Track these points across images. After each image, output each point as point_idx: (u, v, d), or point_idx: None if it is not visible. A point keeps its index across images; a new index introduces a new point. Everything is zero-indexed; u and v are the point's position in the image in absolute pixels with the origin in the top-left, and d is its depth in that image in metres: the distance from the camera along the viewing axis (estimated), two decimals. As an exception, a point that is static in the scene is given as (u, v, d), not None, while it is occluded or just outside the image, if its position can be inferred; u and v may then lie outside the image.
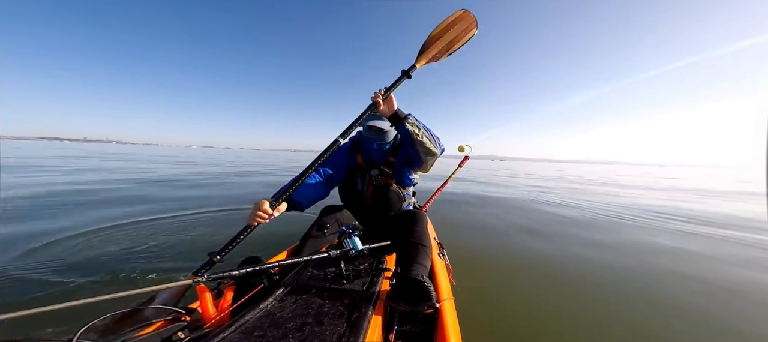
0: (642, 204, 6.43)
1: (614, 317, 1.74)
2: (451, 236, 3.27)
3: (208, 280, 0.93)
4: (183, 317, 0.96)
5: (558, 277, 2.26)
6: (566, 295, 1.97)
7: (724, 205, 6.59)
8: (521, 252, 2.90)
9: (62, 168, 9.89)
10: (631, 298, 1.97)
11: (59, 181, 6.65)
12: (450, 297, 1.08)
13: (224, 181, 8.34)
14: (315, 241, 1.43)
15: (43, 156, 15.69)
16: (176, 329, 0.91)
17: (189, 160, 19.34)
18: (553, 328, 1.62)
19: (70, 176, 7.76)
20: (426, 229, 1.35)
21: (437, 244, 1.70)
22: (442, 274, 1.31)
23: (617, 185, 11.66)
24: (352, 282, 1.08)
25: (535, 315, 1.74)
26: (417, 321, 1.02)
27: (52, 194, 5.03)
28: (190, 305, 1.03)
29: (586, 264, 2.59)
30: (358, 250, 1.14)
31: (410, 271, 1.09)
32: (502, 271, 2.40)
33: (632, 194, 8.46)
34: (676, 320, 1.70)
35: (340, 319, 0.85)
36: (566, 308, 1.81)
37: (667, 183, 13.84)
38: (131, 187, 6.31)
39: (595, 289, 2.09)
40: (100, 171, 9.57)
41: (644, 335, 1.58)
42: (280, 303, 0.95)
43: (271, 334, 0.79)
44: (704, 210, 5.81)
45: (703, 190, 10.52)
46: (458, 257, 2.28)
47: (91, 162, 13.79)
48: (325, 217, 1.58)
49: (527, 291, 2.04)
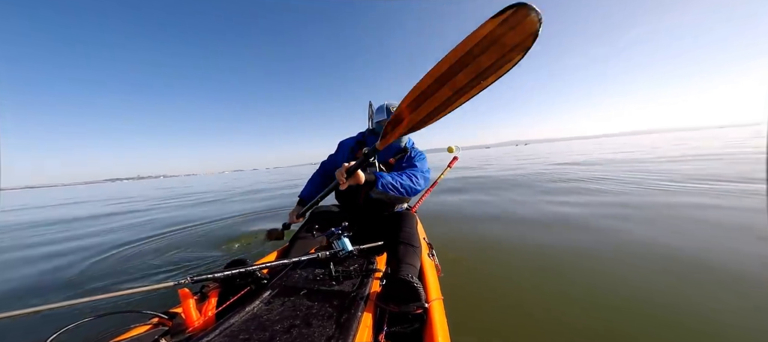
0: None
1: (615, 316, 1.77)
2: (442, 234, 3.30)
3: (191, 283, 0.90)
4: (164, 322, 0.93)
5: (550, 271, 2.29)
6: (558, 291, 2.00)
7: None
8: (512, 250, 2.95)
9: (173, 202, 9.35)
10: (628, 296, 2.00)
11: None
12: (439, 297, 1.09)
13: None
14: (304, 242, 1.41)
15: (134, 196, 15.15)
16: (157, 334, 0.88)
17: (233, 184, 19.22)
18: (543, 324, 1.64)
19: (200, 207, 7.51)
20: (415, 230, 1.36)
21: (427, 244, 1.71)
22: (431, 274, 1.31)
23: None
24: (342, 283, 1.07)
25: (526, 312, 1.76)
26: (406, 321, 1.02)
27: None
28: (172, 309, 1.00)
29: (585, 259, 2.62)
30: (348, 251, 1.14)
31: (399, 272, 1.09)
32: (493, 270, 2.42)
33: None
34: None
35: (329, 320, 0.84)
36: (557, 304, 1.84)
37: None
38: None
39: (595, 287, 2.12)
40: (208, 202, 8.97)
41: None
42: (267, 306, 0.93)
43: (257, 337, 0.77)
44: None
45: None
46: (448, 258, 2.30)
47: (176, 191, 14.42)
48: (314, 218, 1.57)
49: (518, 289, 2.07)
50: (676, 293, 1.79)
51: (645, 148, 18.05)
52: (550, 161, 13.08)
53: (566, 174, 7.71)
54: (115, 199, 13.11)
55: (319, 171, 1.85)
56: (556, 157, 16.54)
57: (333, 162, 1.77)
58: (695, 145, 15.83)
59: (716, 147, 13.09)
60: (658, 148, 16.78)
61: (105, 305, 1.49)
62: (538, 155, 20.77)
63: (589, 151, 20.23)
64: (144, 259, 3.03)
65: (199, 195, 11.68)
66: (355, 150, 1.69)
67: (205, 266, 2.54)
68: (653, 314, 1.60)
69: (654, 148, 17.18)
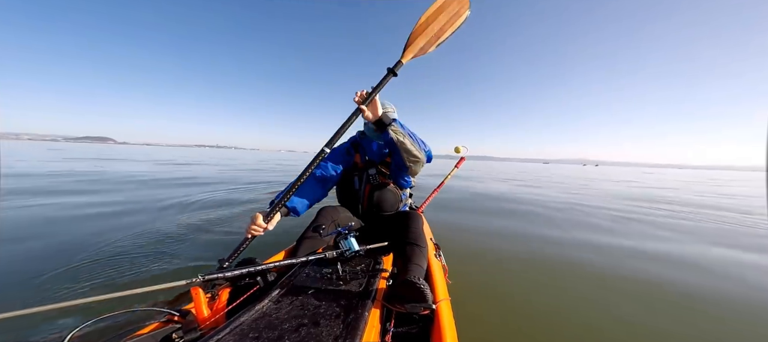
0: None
1: (614, 315, 1.75)
2: (448, 235, 3.28)
3: (203, 281, 0.92)
4: (177, 319, 0.95)
5: (557, 274, 2.27)
6: (566, 294, 1.98)
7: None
8: (520, 249, 2.92)
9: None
10: (632, 299, 1.98)
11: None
12: (446, 298, 1.09)
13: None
14: (311, 242, 1.42)
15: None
16: (170, 331, 0.90)
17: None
18: (551, 326, 1.63)
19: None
20: (422, 230, 1.36)
21: (434, 244, 1.71)
22: (438, 275, 1.31)
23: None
24: (349, 283, 1.08)
25: (534, 314, 1.75)
26: (413, 322, 1.02)
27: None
28: (185, 307, 1.02)
29: (585, 260, 2.60)
30: (355, 250, 1.14)
31: (406, 273, 1.09)
32: (500, 271, 2.41)
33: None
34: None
35: (337, 320, 0.85)
36: (566, 307, 1.82)
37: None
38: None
39: (597, 287, 2.10)
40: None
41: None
42: (276, 304, 0.94)
43: (266, 335, 0.78)
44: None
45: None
46: (455, 258, 2.29)
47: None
48: (321, 218, 1.58)
49: (526, 289, 2.05)
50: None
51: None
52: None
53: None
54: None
55: (314, 177, 1.63)
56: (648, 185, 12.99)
57: (329, 169, 1.62)
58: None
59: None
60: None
61: (121, 303, 1.54)
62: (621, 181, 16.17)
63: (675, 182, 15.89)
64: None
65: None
66: (351, 152, 1.67)
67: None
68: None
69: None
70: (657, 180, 18.31)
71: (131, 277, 2.03)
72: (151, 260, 2.32)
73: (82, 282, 1.93)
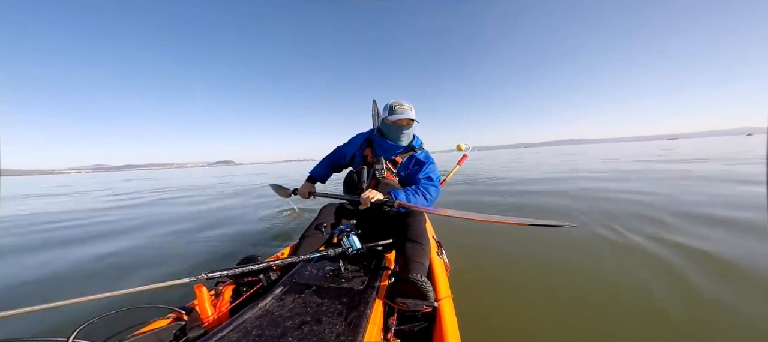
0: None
1: (615, 315, 1.74)
2: (450, 232, 3.28)
3: (206, 279, 0.93)
4: (181, 316, 0.96)
5: (558, 272, 2.26)
6: (567, 292, 1.97)
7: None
8: (521, 247, 2.90)
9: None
10: (639, 299, 1.96)
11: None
12: (448, 295, 1.09)
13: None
14: (313, 239, 1.43)
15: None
16: (174, 329, 0.91)
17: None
18: (554, 324, 1.62)
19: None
20: (424, 228, 1.36)
21: (436, 242, 1.71)
22: (440, 273, 1.31)
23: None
24: (351, 281, 1.08)
25: (537, 312, 1.74)
26: (416, 319, 1.02)
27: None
28: (189, 304, 1.03)
29: (588, 259, 2.58)
30: (357, 248, 1.15)
31: (408, 271, 1.09)
32: (503, 268, 2.40)
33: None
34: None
35: (339, 317, 0.85)
36: (567, 304, 1.82)
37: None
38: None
39: (599, 286, 2.09)
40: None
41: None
42: (279, 302, 0.94)
43: (269, 332, 0.79)
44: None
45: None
46: (458, 256, 2.29)
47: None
48: (323, 216, 1.58)
49: (527, 287, 2.05)
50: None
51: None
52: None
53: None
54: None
55: (330, 156, 1.98)
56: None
57: (340, 153, 1.90)
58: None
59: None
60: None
61: (125, 301, 1.55)
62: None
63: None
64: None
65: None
66: (363, 146, 1.75)
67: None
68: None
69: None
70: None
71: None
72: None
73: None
